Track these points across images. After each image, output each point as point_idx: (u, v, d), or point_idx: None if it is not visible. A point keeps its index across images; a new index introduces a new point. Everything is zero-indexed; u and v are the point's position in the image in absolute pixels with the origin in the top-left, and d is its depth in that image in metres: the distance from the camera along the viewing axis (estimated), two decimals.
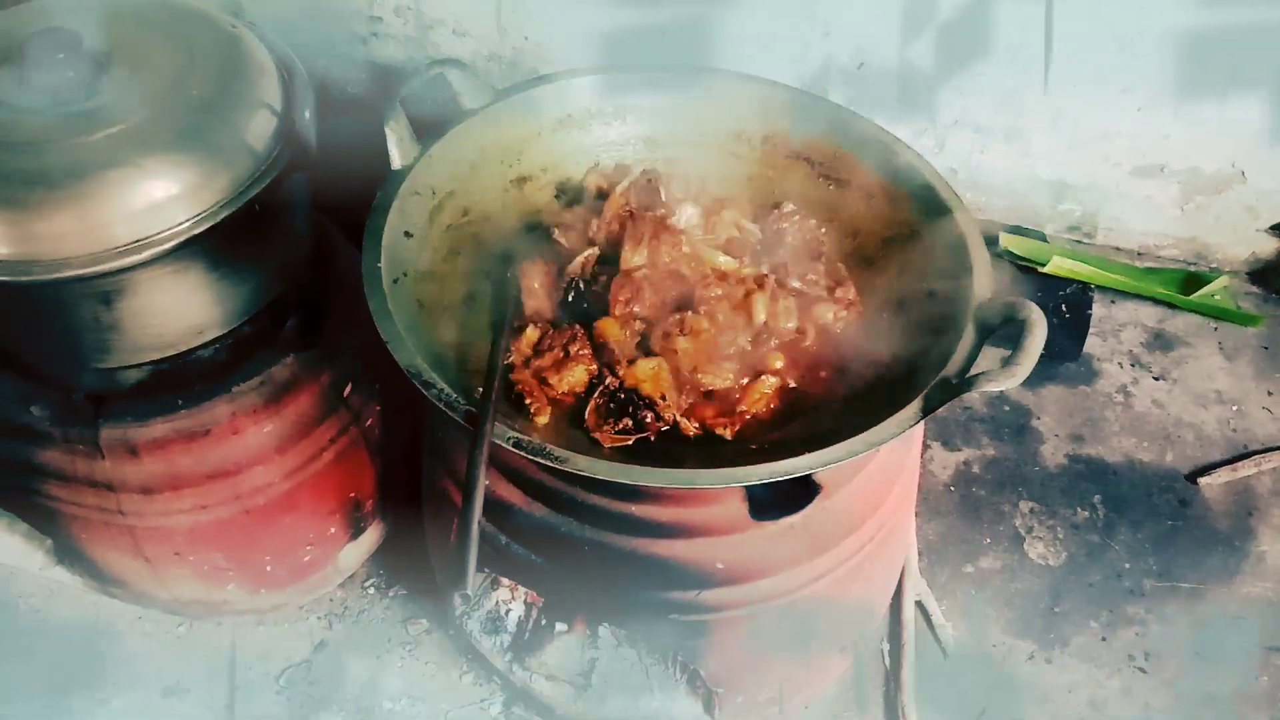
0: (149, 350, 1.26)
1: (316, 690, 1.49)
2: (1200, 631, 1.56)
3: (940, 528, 1.68)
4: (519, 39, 1.95)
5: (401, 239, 1.18)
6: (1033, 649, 1.54)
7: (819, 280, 1.24)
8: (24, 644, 1.54)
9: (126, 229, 1.12)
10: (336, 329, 1.42)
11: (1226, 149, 1.92)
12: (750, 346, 1.18)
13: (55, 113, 1.15)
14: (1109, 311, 2.00)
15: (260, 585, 1.49)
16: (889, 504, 1.26)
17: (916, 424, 1.01)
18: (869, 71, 1.88)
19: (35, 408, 1.32)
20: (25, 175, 1.11)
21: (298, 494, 1.40)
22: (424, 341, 1.10)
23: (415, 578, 1.59)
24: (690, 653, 1.26)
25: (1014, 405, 1.85)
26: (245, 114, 1.21)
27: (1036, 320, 1.01)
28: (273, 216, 1.27)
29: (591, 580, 1.19)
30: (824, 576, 1.21)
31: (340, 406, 1.41)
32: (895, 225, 1.27)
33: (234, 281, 1.27)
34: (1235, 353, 1.94)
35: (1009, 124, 1.95)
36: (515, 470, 1.17)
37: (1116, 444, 1.79)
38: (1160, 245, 2.08)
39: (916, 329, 1.17)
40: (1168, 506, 1.71)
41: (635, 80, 1.37)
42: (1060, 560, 1.64)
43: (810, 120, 1.34)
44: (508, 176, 1.33)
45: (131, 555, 1.42)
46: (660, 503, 1.12)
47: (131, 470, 1.32)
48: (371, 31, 2.00)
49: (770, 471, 0.98)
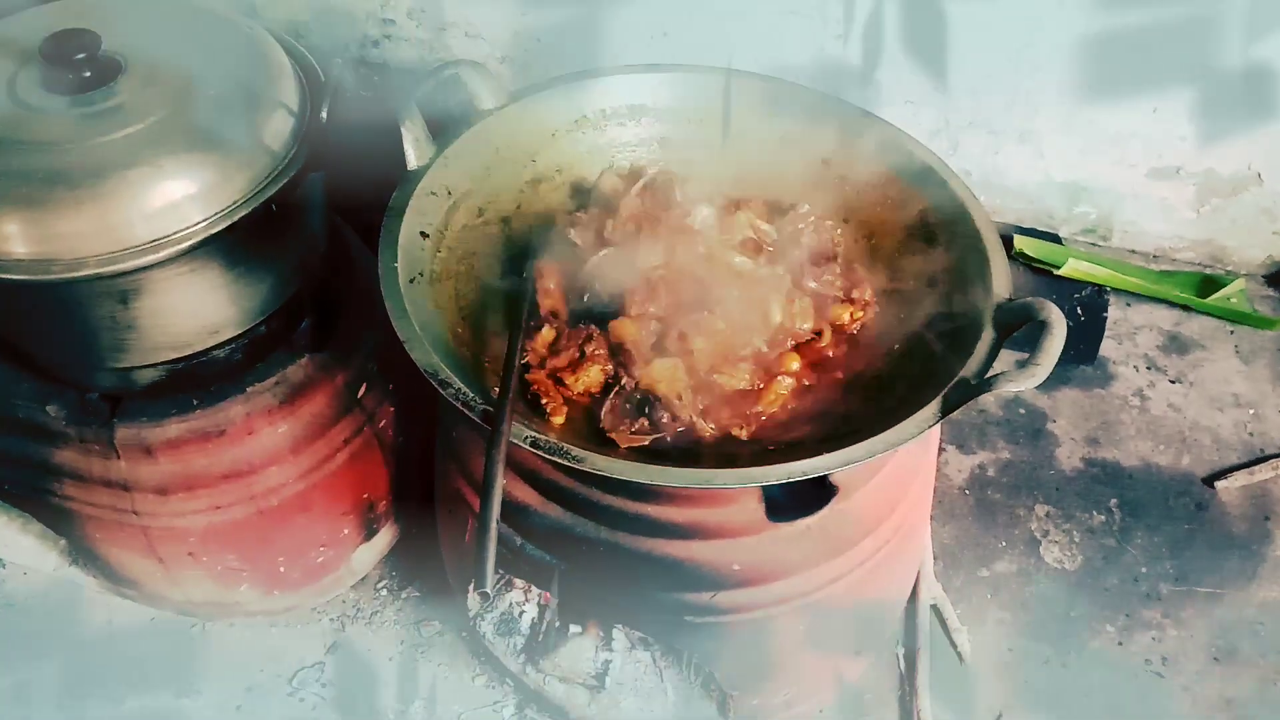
0: (165, 350, 1.27)
1: (329, 692, 1.49)
2: (1217, 636, 1.55)
3: (955, 531, 1.67)
4: (531, 41, 1.96)
5: (417, 239, 1.18)
6: (1049, 653, 1.53)
7: (835, 281, 1.23)
8: (39, 646, 1.54)
9: (144, 228, 1.12)
10: (351, 330, 1.42)
11: (1243, 151, 1.91)
12: (766, 347, 1.18)
13: (74, 113, 1.15)
14: (1124, 314, 1.99)
15: (273, 586, 1.49)
16: (905, 506, 1.25)
17: (935, 424, 1.01)
18: (881, 73, 1.87)
19: (51, 407, 1.32)
20: (44, 175, 1.11)
21: (312, 495, 1.40)
22: (440, 342, 1.10)
23: (428, 579, 1.59)
24: (705, 655, 1.25)
25: (1029, 408, 1.84)
26: (262, 114, 1.21)
27: (1056, 320, 1.01)
28: (289, 216, 1.27)
29: (606, 581, 1.19)
30: (840, 579, 1.20)
31: (355, 407, 1.41)
32: (912, 226, 1.27)
33: (250, 281, 1.27)
34: (1252, 356, 1.92)
35: (1023, 126, 1.95)
36: (530, 471, 1.17)
37: (1132, 447, 1.78)
38: (1176, 248, 2.07)
39: (933, 330, 1.16)
40: (1184, 510, 1.70)
41: (650, 81, 1.37)
42: (1076, 564, 1.63)
43: (826, 120, 1.34)
44: (523, 177, 1.33)
45: (145, 556, 1.43)
46: (676, 503, 1.12)
47: (146, 470, 1.32)
48: (384, 34, 2.00)
49: (788, 472, 0.98)
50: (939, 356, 1.11)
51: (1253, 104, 1.81)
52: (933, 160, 1.27)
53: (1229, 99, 1.81)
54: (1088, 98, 1.85)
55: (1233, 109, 1.83)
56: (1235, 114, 1.83)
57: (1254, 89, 1.78)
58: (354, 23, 1.99)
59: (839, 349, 1.20)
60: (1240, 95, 1.79)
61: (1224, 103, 1.82)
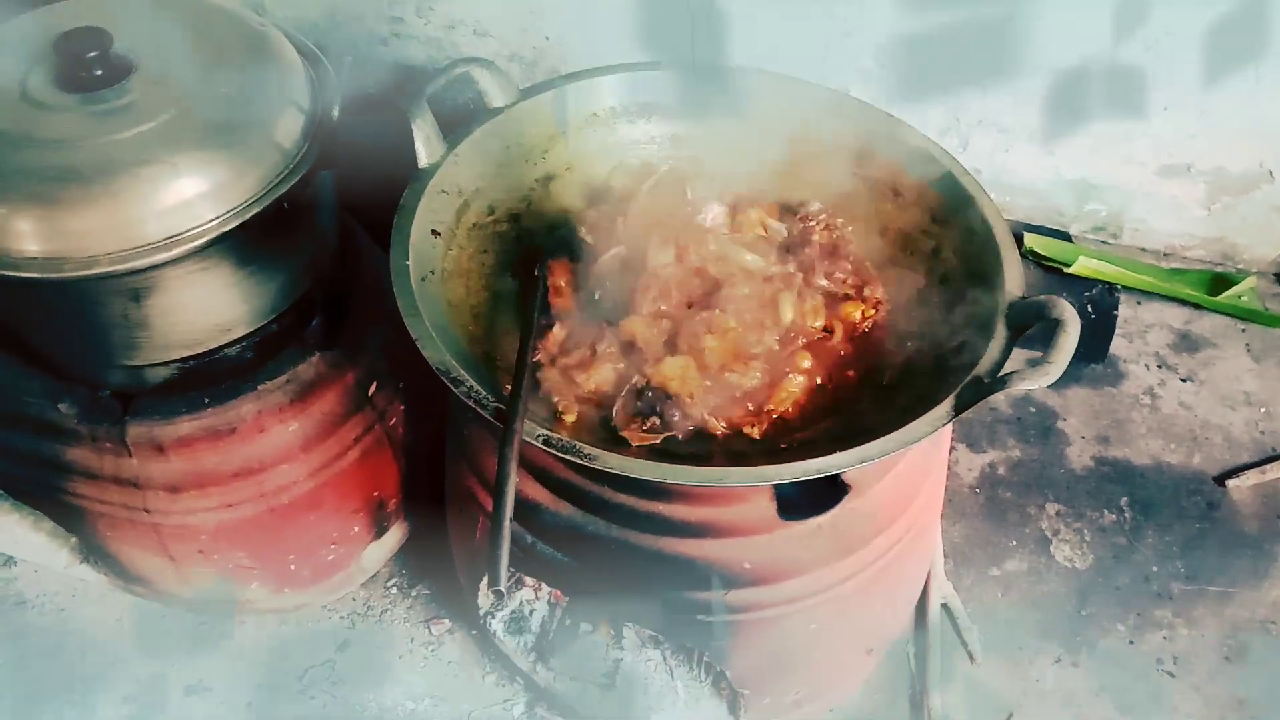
0: (176, 348, 1.27)
1: (339, 690, 1.49)
2: (1229, 635, 1.54)
3: (966, 530, 1.66)
4: (540, 39, 1.95)
5: (428, 238, 1.18)
6: (1059, 652, 1.52)
7: (846, 279, 1.23)
8: (48, 643, 1.55)
9: (156, 226, 1.13)
10: (361, 328, 1.43)
11: (1254, 149, 1.90)
12: (778, 346, 1.17)
13: (86, 110, 1.16)
14: (1135, 313, 1.98)
15: (283, 584, 1.49)
16: (917, 505, 1.25)
17: (948, 423, 1.00)
18: (890, 71, 1.87)
19: (63, 405, 1.32)
20: (57, 172, 1.11)
21: (322, 493, 1.41)
22: (452, 340, 1.10)
23: (438, 577, 1.59)
24: (716, 654, 1.25)
25: (1040, 407, 1.84)
26: (274, 112, 1.21)
27: (1070, 319, 1.01)
28: (300, 214, 1.27)
29: (617, 580, 1.19)
30: (851, 578, 1.20)
31: (365, 405, 1.41)
32: (923, 224, 1.27)
33: (261, 279, 1.27)
34: (1263, 354, 1.92)
35: (1033, 124, 1.94)
36: (542, 469, 1.17)
37: (1143, 446, 1.78)
38: (1186, 246, 2.07)
39: (945, 328, 1.16)
40: (1195, 509, 1.69)
41: (659, 79, 1.37)
42: (1087, 563, 1.63)
43: (836, 118, 1.33)
44: (533, 175, 1.33)
45: (156, 553, 1.43)
46: (688, 502, 1.12)
47: (158, 468, 1.32)
48: (393, 32, 2.00)
49: (801, 470, 0.98)
50: (951, 354, 1.11)
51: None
52: (943, 157, 1.26)
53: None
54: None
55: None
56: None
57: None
58: (363, 20, 1.99)
59: (850, 347, 1.20)
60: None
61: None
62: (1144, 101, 1.85)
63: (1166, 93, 1.84)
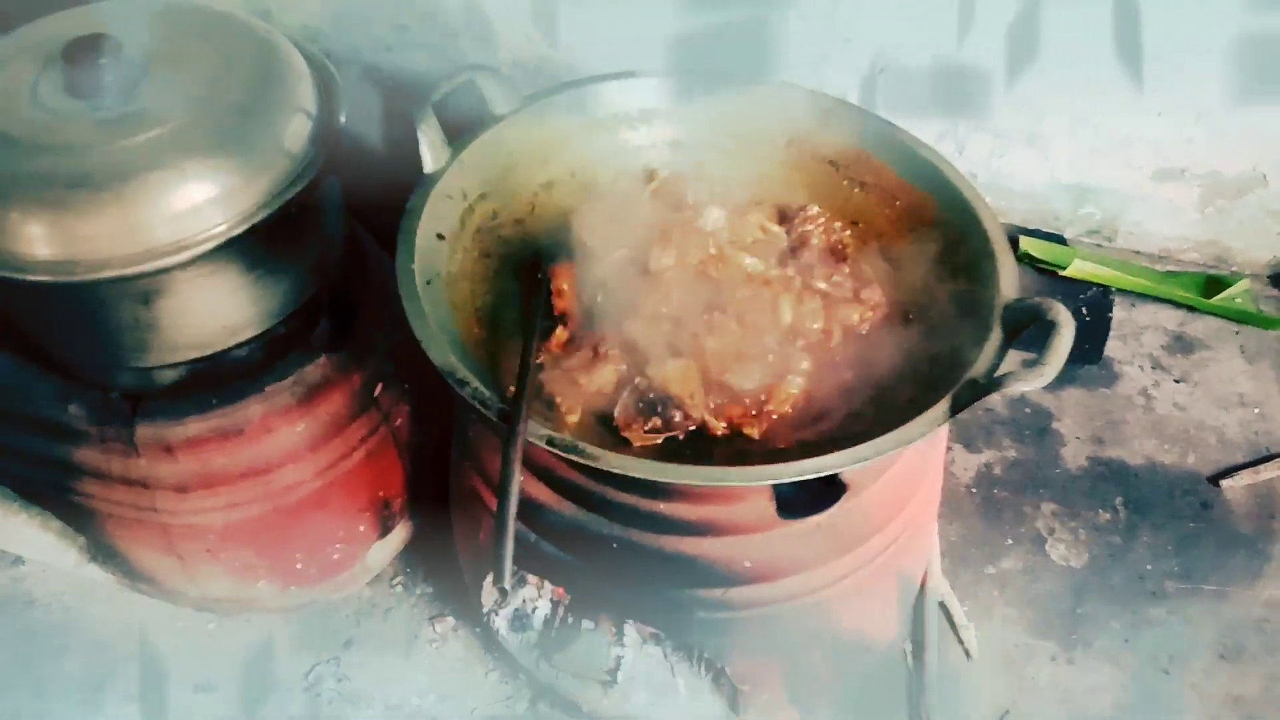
0: (185, 350, 1.29)
1: (344, 687, 1.51)
2: (1224, 634, 1.56)
3: (962, 529, 1.68)
4: (543, 46, 1.97)
5: (433, 241, 1.20)
6: (1055, 650, 1.54)
7: (844, 282, 1.25)
8: (56, 642, 1.56)
9: (166, 231, 1.14)
10: (367, 330, 1.44)
11: (1248, 153, 1.92)
12: (777, 347, 1.19)
13: (97, 116, 1.17)
14: (1129, 315, 2.00)
15: (290, 583, 1.51)
16: (913, 505, 1.27)
17: (944, 423, 1.02)
18: (888, 77, 1.89)
19: (72, 406, 1.34)
20: (68, 178, 1.13)
21: (328, 492, 1.42)
22: (456, 342, 1.12)
23: (442, 576, 1.60)
24: (716, 650, 1.27)
25: (1035, 408, 1.86)
26: (282, 118, 1.23)
27: (1065, 320, 1.02)
28: (307, 219, 1.29)
29: (619, 578, 1.21)
30: (849, 576, 1.22)
31: (371, 406, 1.43)
32: (920, 227, 1.28)
33: (269, 282, 1.29)
34: (1257, 356, 1.94)
35: (1029, 128, 1.96)
36: (545, 468, 1.19)
37: (1138, 446, 1.80)
38: (1181, 249, 2.08)
39: (942, 330, 1.18)
40: (1190, 509, 1.71)
41: (660, 85, 1.39)
42: (1082, 562, 1.64)
43: (834, 124, 1.35)
44: (537, 180, 1.35)
45: (164, 553, 1.45)
46: (689, 501, 1.14)
47: (166, 468, 1.34)
48: (398, 39, 2.02)
49: (799, 470, 1.00)
50: (947, 356, 1.13)
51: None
52: (940, 162, 1.28)
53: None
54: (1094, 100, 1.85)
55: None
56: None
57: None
58: (368, 28, 2.01)
59: (848, 349, 1.22)
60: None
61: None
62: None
63: (1164, 97, 1.86)
